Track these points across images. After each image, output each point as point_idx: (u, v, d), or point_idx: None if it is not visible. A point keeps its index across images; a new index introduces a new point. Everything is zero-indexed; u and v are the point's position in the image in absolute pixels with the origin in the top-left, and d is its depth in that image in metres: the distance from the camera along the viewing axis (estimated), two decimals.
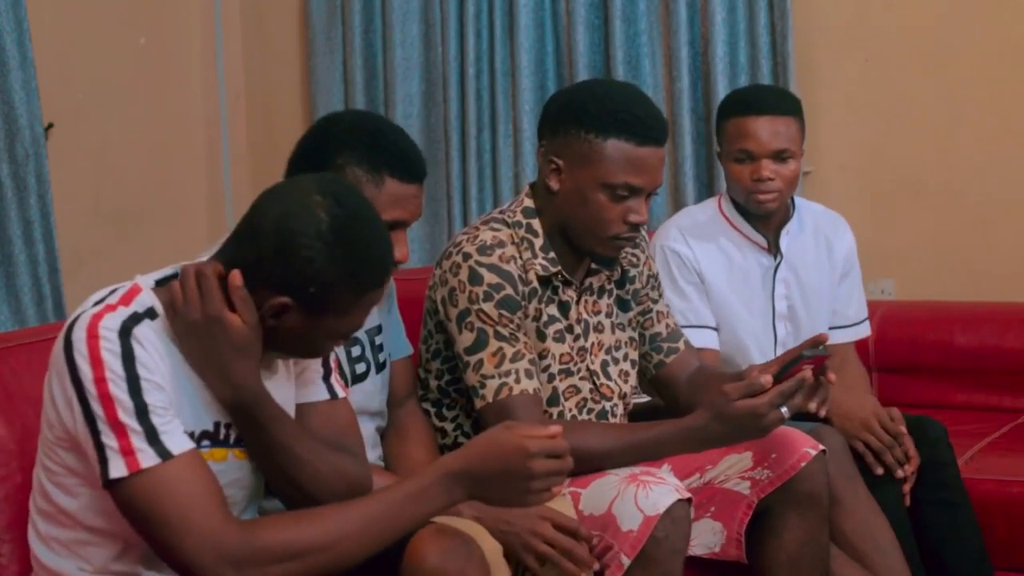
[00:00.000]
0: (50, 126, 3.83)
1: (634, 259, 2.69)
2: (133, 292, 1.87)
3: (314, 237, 1.82)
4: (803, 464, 2.52)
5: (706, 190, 4.08)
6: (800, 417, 2.49)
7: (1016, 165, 3.90)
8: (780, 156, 2.96)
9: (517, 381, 2.41)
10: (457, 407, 2.59)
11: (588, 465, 2.36)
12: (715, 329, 3.07)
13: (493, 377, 2.41)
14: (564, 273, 2.54)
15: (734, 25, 4.02)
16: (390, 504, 1.85)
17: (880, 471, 2.88)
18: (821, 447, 2.56)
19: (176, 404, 1.84)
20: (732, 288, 3.09)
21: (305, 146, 2.33)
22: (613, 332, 2.63)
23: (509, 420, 2.33)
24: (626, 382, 2.65)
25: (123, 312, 1.83)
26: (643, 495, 2.32)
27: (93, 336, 1.79)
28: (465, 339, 2.44)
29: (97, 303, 1.85)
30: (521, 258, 2.49)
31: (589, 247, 2.52)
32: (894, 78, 4.01)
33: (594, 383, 2.59)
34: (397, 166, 2.27)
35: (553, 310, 2.54)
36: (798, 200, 3.17)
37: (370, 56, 4.45)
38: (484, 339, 2.43)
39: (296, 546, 1.80)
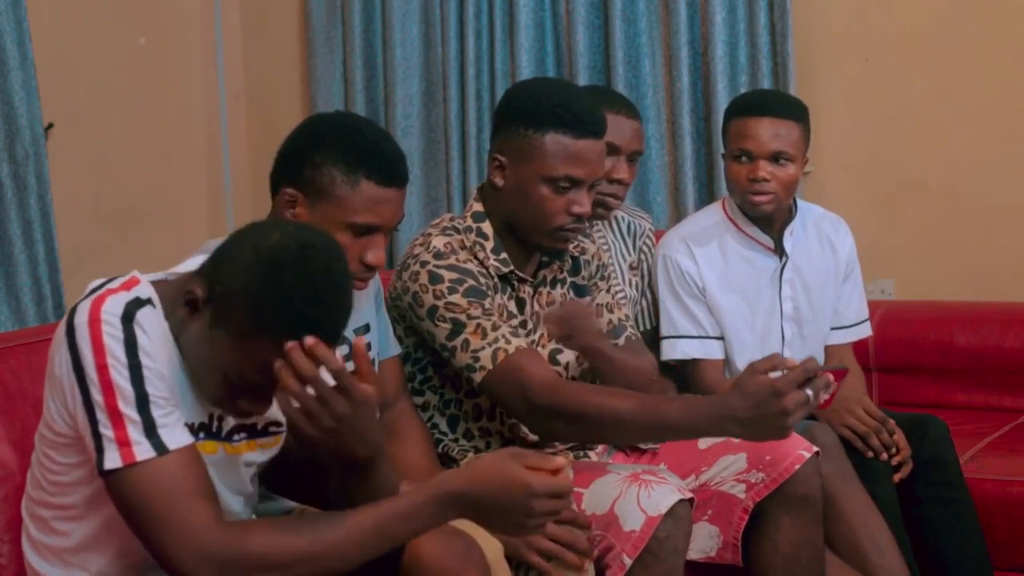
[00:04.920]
0: (50, 126, 3.83)
1: (583, 247, 2.72)
2: (132, 282, 1.86)
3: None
4: (797, 467, 2.53)
5: (706, 190, 4.07)
6: None
7: (1016, 165, 3.90)
8: (778, 158, 2.98)
9: (508, 342, 2.41)
10: (430, 408, 2.61)
11: (609, 425, 2.30)
12: (719, 339, 3.09)
13: (483, 348, 2.41)
14: (517, 271, 2.57)
15: (734, 25, 4.02)
16: (384, 518, 1.82)
17: (871, 454, 2.89)
18: (815, 448, 2.57)
19: (176, 394, 1.83)
20: (739, 291, 3.10)
21: (288, 143, 2.31)
22: None
23: (517, 377, 2.35)
24: (581, 364, 2.64)
25: (124, 296, 1.82)
26: (645, 495, 2.33)
27: (95, 320, 1.78)
28: (442, 331, 2.45)
29: (96, 289, 1.84)
30: (477, 258, 2.53)
31: (535, 240, 2.54)
32: (894, 78, 4.00)
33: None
34: (375, 168, 2.22)
35: (512, 307, 2.57)
36: (799, 203, 3.18)
37: (370, 56, 4.45)
38: (460, 324, 2.43)
39: (282, 555, 1.77)
